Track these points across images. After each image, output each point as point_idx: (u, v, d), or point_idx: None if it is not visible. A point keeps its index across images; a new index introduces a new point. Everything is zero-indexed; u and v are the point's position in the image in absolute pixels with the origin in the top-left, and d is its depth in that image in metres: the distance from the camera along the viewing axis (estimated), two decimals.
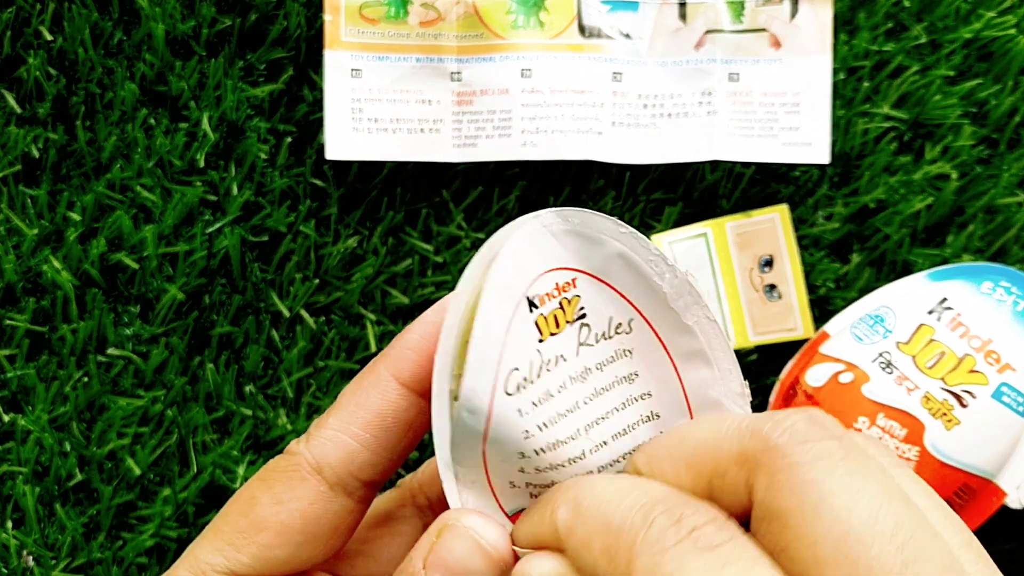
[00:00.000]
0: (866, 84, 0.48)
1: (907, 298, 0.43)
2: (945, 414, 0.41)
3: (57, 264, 0.45)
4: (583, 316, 0.24)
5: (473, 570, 0.23)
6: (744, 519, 0.20)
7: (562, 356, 0.24)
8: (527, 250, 0.24)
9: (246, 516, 0.25)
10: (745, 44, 0.46)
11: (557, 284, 0.24)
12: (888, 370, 0.42)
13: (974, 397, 0.41)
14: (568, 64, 0.45)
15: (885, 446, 0.24)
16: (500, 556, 0.23)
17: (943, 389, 0.41)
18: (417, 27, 0.45)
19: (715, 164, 0.47)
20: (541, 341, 0.24)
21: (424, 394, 0.25)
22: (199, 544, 0.26)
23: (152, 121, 0.45)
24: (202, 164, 0.45)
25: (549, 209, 0.25)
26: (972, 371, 0.41)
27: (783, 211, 0.47)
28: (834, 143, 0.47)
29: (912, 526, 0.18)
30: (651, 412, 0.25)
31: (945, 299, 0.42)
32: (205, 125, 0.45)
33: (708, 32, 0.46)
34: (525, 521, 0.24)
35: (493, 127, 0.45)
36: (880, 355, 0.42)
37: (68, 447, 0.44)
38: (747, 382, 0.25)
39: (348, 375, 0.46)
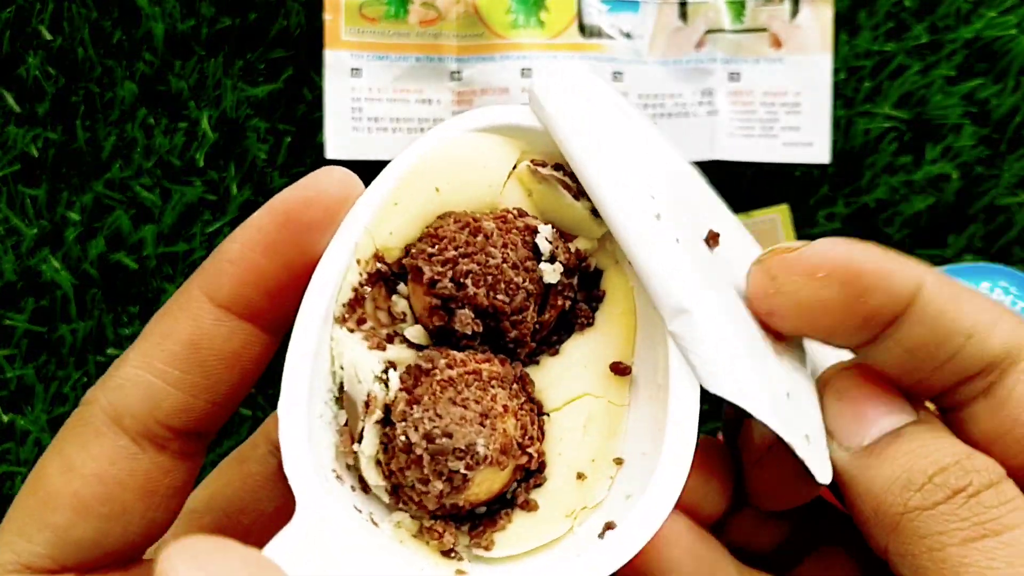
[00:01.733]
0: (867, 84, 0.47)
1: None
2: None
3: (56, 264, 0.45)
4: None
5: None
6: None
7: None
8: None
9: (35, 494, 0.20)
10: (746, 44, 0.46)
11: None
12: None
13: None
14: (568, 63, 0.45)
15: None
16: None
17: None
18: (417, 26, 0.45)
19: (716, 164, 0.47)
20: None
21: (249, 317, 0.22)
22: None
23: (151, 120, 0.45)
24: (201, 163, 0.45)
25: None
26: None
27: (784, 211, 0.47)
28: (835, 143, 0.47)
29: None
30: None
31: None
32: (205, 124, 0.45)
33: (709, 32, 0.46)
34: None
35: None
36: None
37: None
38: None
39: None
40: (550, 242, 0.23)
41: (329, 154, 0.44)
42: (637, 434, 0.23)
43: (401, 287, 0.24)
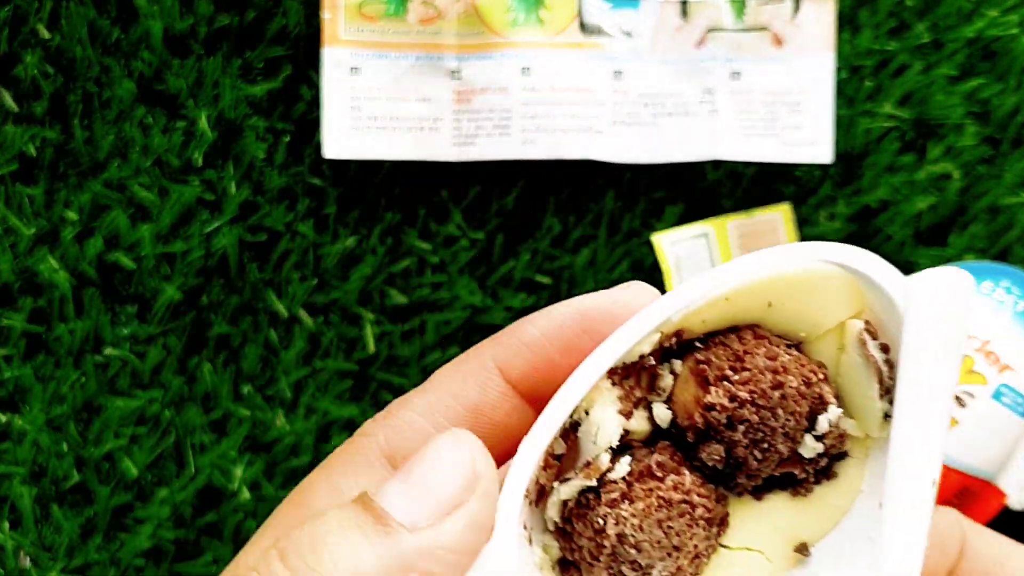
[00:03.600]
0: (868, 83, 0.47)
1: None
2: None
3: (54, 263, 0.44)
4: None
5: None
6: None
7: None
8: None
9: (299, 508, 0.21)
10: (747, 42, 0.46)
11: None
12: None
13: (973, 397, 0.41)
14: (568, 62, 0.45)
15: None
16: None
17: None
18: (416, 25, 0.44)
19: (717, 163, 0.47)
20: None
21: (531, 401, 0.23)
22: (247, 549, 0.21)
23: (149, 119, 0.45)
24: (199, 163, 0.45)
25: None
26: (971, 371, 0.41)
27: (785, 210, 0.47)
28: (836, 142, 0.47)
29: None
30: None
31: None
32: (203, 123, 0.45)
33: (710, 30, 0.46)
34: None
35: (493, 126, 0.45)
36: None
37: (65, 448, 0.44)
38: None
39: (346, 375, 0.46)
40: (830, 425, 0.23)
41: (327, 153, 0.44)
42: None
43: (676, 363, 0.24)
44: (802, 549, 0.24)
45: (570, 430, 0.23)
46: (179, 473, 0.45)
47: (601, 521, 0.22)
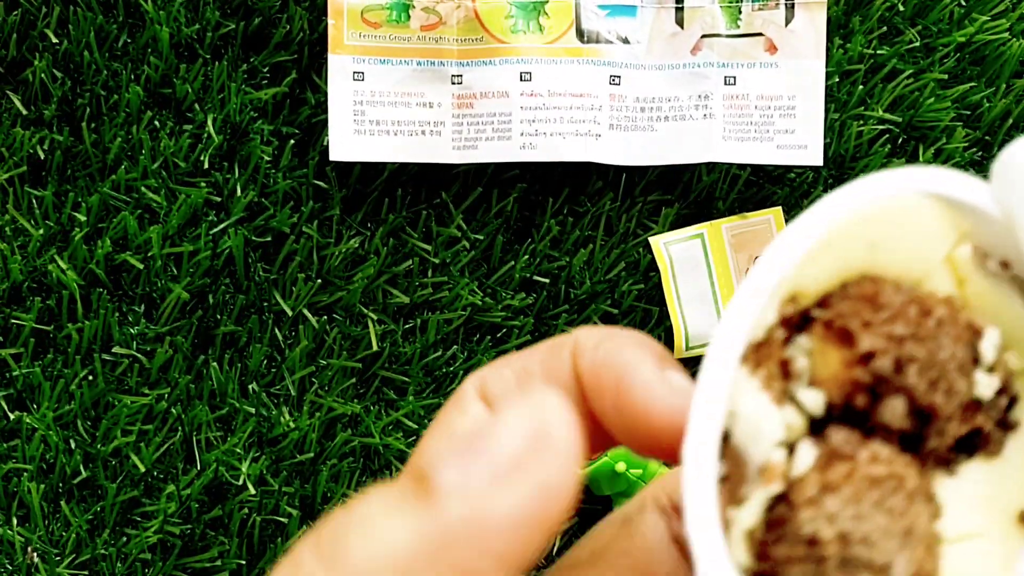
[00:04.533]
0: (860, 88, 0.48)
1: None
2: None
3: (63, 264, 0.45)
4: None
5: None
6: None
7: None
8: None
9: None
10: (741, 48, 0.46)
11: None
12: None
13: None
14: (567, 68, 0.45)
15: None
16: None
17: None
18: (418, 31, 0.45)
19: (711, 166, 0.47)
20: None
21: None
22: None
23: (157, 123, 0.45)
24: (206, 166, 0.45)
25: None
26: None
27: (778, 213, 0.47)
28: (828, 146, 0.47)
29: None
30: None
31: None
32: (209, 127, 0.45)
33: (705, 36, 0.46)
34: None
35: (493, 130, 0.45)
36: None
37: (73, 444, 0.44)
38: None
39: (350, 373, 0.46)
40: (995, 348, 0.20)
41: (333, 156, 0.45)
42: None
43: (802, 340, 0.20)
44: None
45: (723, 443, 0.19)
46: (186, 469, 0.45)
47: (811, 528, 0.18)
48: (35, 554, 0.44)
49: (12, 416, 0.44)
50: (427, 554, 0.15)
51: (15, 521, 0.44)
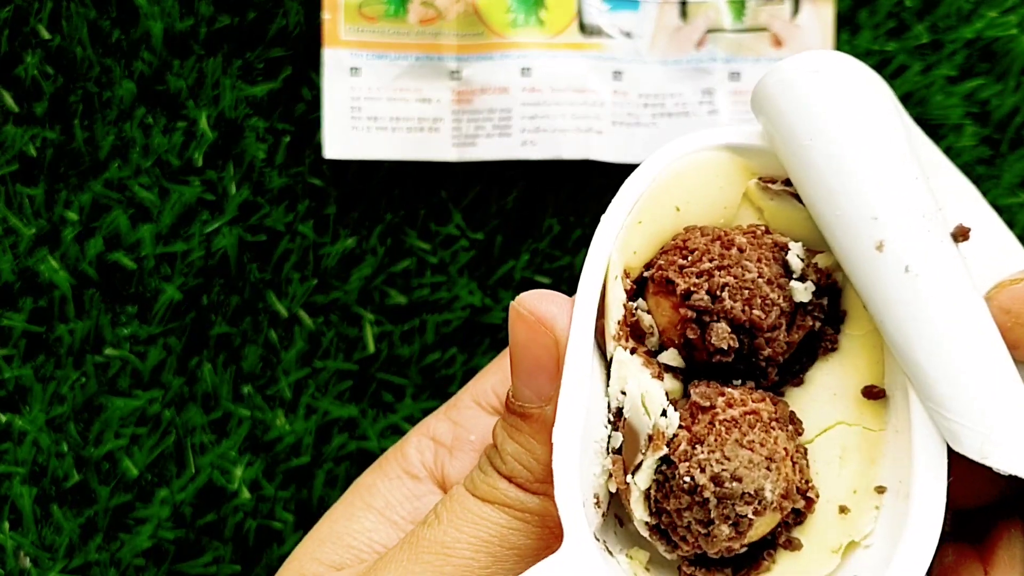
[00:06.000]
0: None
1: None
2: None
3: (54, 264, 0.44)
4: None
5: None
6: None
7: None
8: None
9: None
10: (746, 43, 0.46)
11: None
12: None
13: None
14: (568, 63, 0.45)
15: None
16: None
17: None
18: (416, 25, 0.45)
19: None
20: None
21: None
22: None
23: (150, 120, 0.45)
24: (200, 163, 0.45)
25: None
26: None
27: None
28: None
29: None
30: None
31: None
32: (203, 124, 0.45)
33: (709, 31, 0.46)
34: None
35: (493, 126, 0.45)
36: None
37: (65, 448, 0.44)
38: None
39: (346, 375, 0.46)
40: (801, 259, 0.23)
41: (327, 153, 0.44)
42: (897, 458, 0.22)
43: (640, 302, 0.23)
44: (871, 392, 0.22)
45: (617, 417, 0.22)
46: (179, 473, 0.45)
47: (688, 479, 0.21)
48: (27, 559, 0.44)
49: (3, 418, 0.44)
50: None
51: (6, 525, 0.44)
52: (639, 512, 0.22)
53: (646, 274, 0.23)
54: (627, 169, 0.47)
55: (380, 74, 0.45)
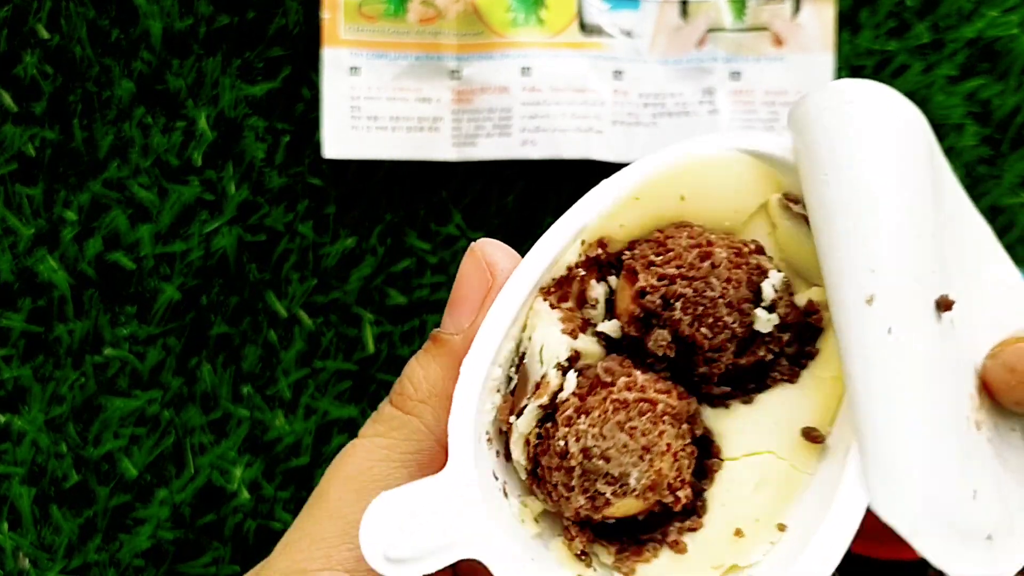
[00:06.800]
0: None
1: None
2: None
3: (53, 263, 0.44)
4: None
5: None
6: None
7: None
8: None
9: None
10: (747, 42, 0.46)
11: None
12: None
13: None
14: (568, 62, 0.45)
15: None
16: None
17: None
18: (416, 24, 0.44)
19: None
20: None
21: None
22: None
23: (149, 119, 0.45)
24: (199, 163, 0.45)
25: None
26: None
27: None
28: None
29: None
30: None
31: None
32: (202, 123, 0.45)
33: (710, 30, 0.45)
34: None
35: (493, 126, 0.44)
36: None
37: (64, 448, 0.44)
38: None
39: (345, 376, 0.46)
40: (776, 291, 0.22)
41: (327, 153, 0.44)
42: (812, 506, 0.22)
43: (612, 279, 0.23)
44: (812, 435, 0.22)
45: (519, 361, 0.23)
46: (179, 473, 0.45)
47: (563, 443, 0.22)
48: (26, 559, 0.44)
49: (2, 419, 0.44)
50: (451, 372, 0.23)
51: (6, 526, 0.44)
52: (517, 454, 0.23)
53: (626, 253, 0.23)
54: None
55: (380, 73, 0.44)
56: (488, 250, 0.24)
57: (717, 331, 0.22)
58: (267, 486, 0.45)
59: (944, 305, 0.21)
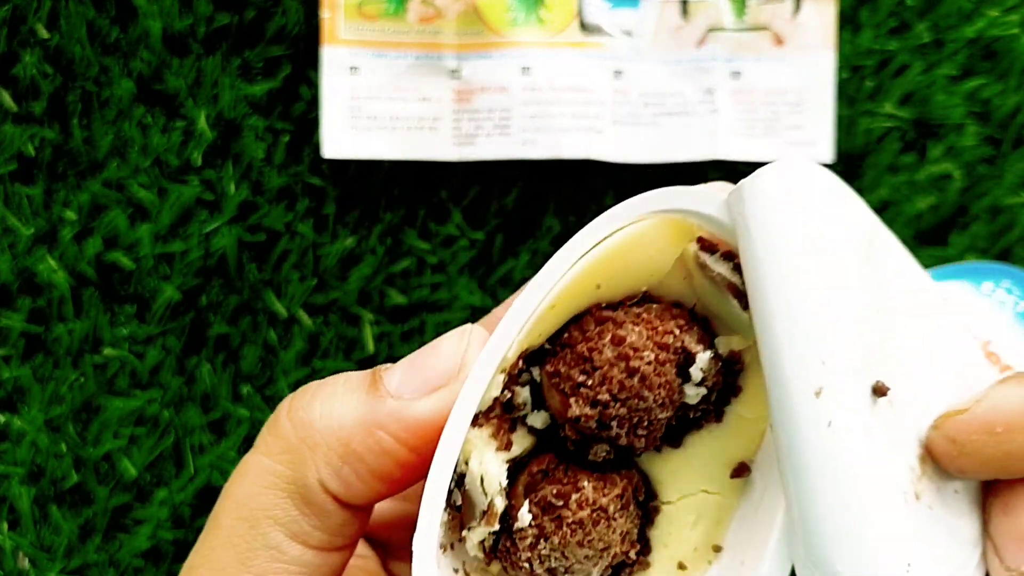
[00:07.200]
0: (869, 82, 0.47)
1: None
2: None
3: (52, 263, 0.44)
4: None
5: None
6: None
7: None
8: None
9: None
10: (747, 42, 0.45)
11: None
12: None
13: None
14: (568, 62, 0.45)
15: None
16: None
17: None
18: (416, 24, 0.44)
19: (717, 163, 0.47)
20: None
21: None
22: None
23: (148, 119, 0.45)
24: (199, 162, 0.45)
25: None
26: None
27: None
28: (837, 142, 0.47)
29: None
30: None
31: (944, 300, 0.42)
32: (202, 123, 0.45)
33: (710, 30, 0.45)
34: None
35: (492, 125, 0.44)
36: None
37: (64, 448, 0.44)
38: None
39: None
40: (703, 371, 0.22)
41: (326, 153, 0.44)
42: (743, 526, 0.23)
43: (534, 370, 0.23)
44: (741, 471, 0.23)
45: (460, 481, 0.23)
46: (178, 474, 0.45)
47: (527, 564, 0.22)
48: (25, 559, 0.44)
49: (1, 419, 0.44)
50: (362, 427, 0.22)
51: (5, 526, 0.44)
52: (475, 551, 0.23)
53: (548, 348, 0.23)
54: (627, 168, 0.47)
55: (379, 73, 0.44)
56: (470, 344, 0.22)
57: (652, 429, 0.22)
58: None
59: (879, 391, 0.21)
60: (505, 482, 0.22)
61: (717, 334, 0.23)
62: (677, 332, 0.22)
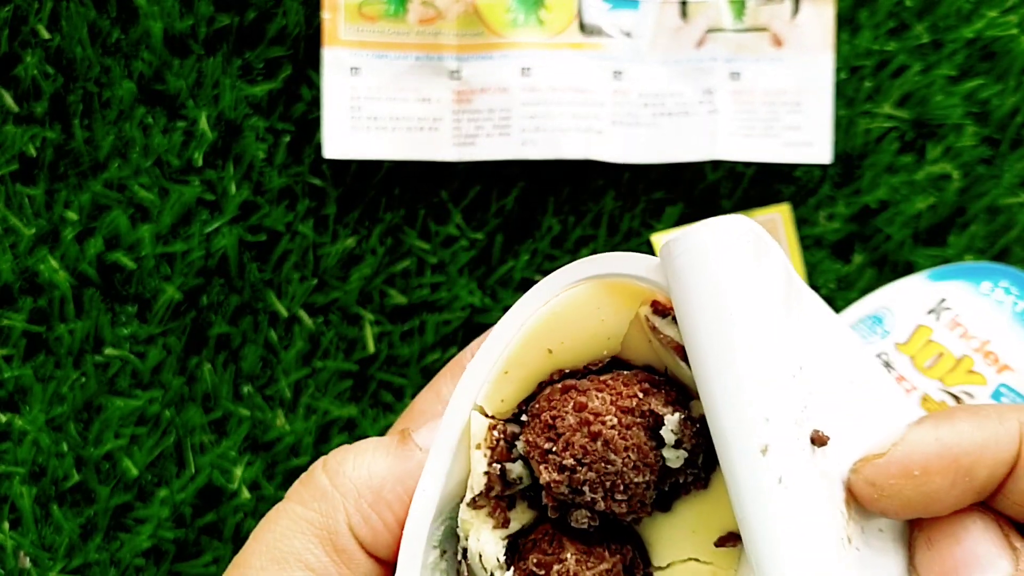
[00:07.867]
0: (868, 83, 0.47)
1: (906, 298, 0.43)
2: None
3: (54, 263, 0.44)
4: None
5: None
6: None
7: None
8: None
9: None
10: (746, 43, 0.46)
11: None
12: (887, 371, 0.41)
13: (973, 398, 0.41)
14: (568, 62, 0.45)
15: None
16: None
17: (941, 390, 0.41)
18: (416, 25, 0.44)
19: (716, 164, 0.47)
20: None
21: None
22: None
23: (150, 120, 0.45)
24: (200, 163, 0.45)
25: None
26: (970, 372, 0.41)
27: (785, 211, 0.47)
28: (836, 142, 0.47)
29: None
30: None
31: (944, 299, 0.42)
32: (203, 124, 0.45)
33: (709, 31, 0.45)
34: None
35: (492, 126, 0.45)
36: (878, 356, 0.42)
37: (65, 448, 0.44)
38: None
39: (346, 375, 0.46)
40: (675, 433, 0.22)
41: (327, 153, 0.44)
42: None
43: (520, 444, 0.23)
44: (727, 540, 0.23)
45: (463, 558, 0.23)
46: (179, 473, 0.45)
47: None
48: (27, 558, 0.44)
49: (3, 418, 0.44)
50: (393, 477, 0.24)
51: (6, 525, 0.44)
52: None
53: (523, 415, 0.23)
54: (627, 168, 0.47)
55: (380, 74, 0.44)
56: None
57: (631, 493, 0.22)
58: (267, 486, 0.45)
59: (818, 441, 0.21)
60: (503, 557, 0.23)
61: (695, 397, 0.23)
62: (641, 396, 0.22)
